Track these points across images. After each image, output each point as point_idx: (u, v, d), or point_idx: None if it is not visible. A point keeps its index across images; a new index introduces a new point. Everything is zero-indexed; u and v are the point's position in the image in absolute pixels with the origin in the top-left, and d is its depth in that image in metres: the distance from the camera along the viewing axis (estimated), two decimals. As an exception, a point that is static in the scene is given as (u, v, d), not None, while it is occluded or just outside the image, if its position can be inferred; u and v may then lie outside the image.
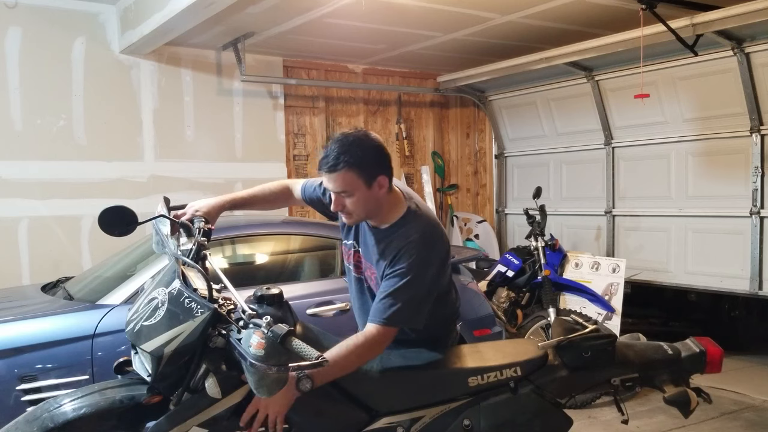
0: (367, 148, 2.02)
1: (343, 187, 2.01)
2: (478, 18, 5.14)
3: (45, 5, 5.06)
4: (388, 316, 1.99)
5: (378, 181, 2.03)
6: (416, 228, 2.06)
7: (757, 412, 4.35)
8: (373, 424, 2.01)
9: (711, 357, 2.22)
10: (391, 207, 2.11)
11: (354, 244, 2.23)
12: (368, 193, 2.03)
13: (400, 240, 2.04)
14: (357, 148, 2.00)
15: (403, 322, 2.03)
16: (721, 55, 4.87)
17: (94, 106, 5.28)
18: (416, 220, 2.09)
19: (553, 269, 4.97)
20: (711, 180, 5.21)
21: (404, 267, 2.00)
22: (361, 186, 2.01)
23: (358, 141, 2.02)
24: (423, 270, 2.02)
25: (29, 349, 2.93)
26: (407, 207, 2.12)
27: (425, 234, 2.06)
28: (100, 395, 1.90)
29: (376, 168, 2.03)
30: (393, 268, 2.02)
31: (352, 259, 2.25)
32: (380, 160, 2.05)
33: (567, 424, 2.13)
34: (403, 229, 2.07)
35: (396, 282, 2.00)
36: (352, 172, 1.99)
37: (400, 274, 2.00)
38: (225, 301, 1.85)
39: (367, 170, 2.00)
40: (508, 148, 7.09)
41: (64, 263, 5.07)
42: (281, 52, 6.17)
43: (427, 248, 2.04)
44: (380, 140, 2.09)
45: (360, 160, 1.99)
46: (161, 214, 2.09)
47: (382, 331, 1.99)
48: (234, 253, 3.88)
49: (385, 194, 2.07)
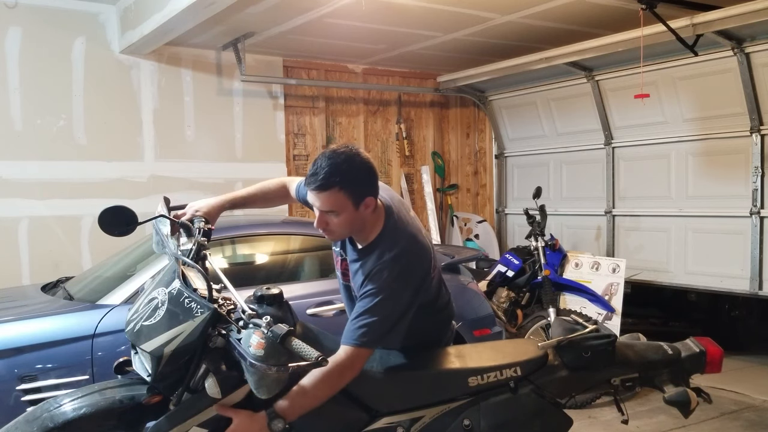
0: (358, 169, 1.97)
1: (330, 207, 1.96)
2: (478, 18, 5.14)
3: (45, 5, 5.06)
4: (358, 337, 1.93)
5: (365, 201, 1.98)
6: (390, 246, 2.01)
7: (757, 412, 4.35)
8: (373, 424, 2.01)
9: (711, 357, 2.22)
10: (372, 226, 2.06)
11: (341, 252, 2.20)
12: (355, 214, 1.98)
13: (373, 260, 2.00)
14: (347, 168, 1.94)
15: (375, 343, 1.96)
16: (721, 55, 4.87)
17: (94, 106, 5.28)
18: (392, 238, 2.03)
19: (553, 269, 4.97)
20: (711, 180, 5.21)
21: (376, 287, 1.96)
22: (349, 207, 1.96)
23: (349, 160, 1.95)
24: (397, 289, 1.97)
25: (29, 349, 2.93)
26: (383, 224, 2.06)
27: (400, 252, 2.00)
28: (100, 395, 1.90)
29: (365, 189, 1.98)
30: (365, 288, 1.98)
31: (341, 267, 2.23)
32: (369, 180, 2.00)
33: (567, 424, 2.13)
34: (378, 250, 2.02)
35: (368, 303, 1.95)
36: (342, 193, 1.93)
37: (372, 294, 1.96)
38: (225, 301, 1.85)
39: (356, 191, 1.95)
40: (508, 148, 7.09)
41: (64, 263, 5.07)
42: (281, 52, 6.17)
43: (401, 266, 1.98)
44: (370, 159, 2.02)
45: (350, 181, 1.94)
46: (161, 214, 2.10)
47: (353, 354, 1.92)
48: (234, 253, 3.88)
49: (370, 213, 2.02)
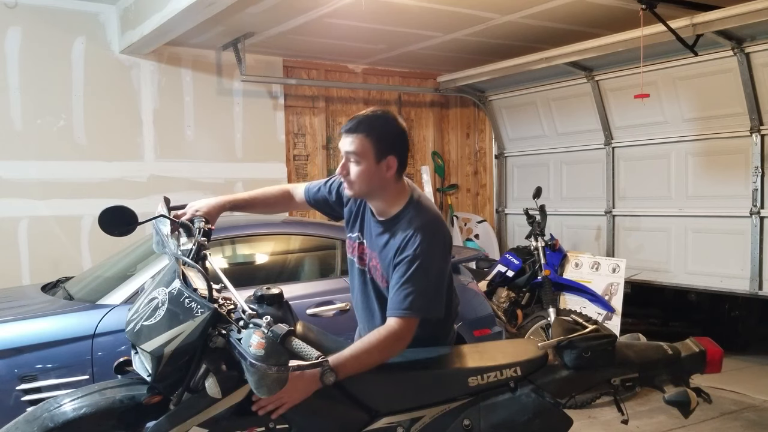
0: (389, 128, 2.09)
1: (354, 149, 2.04)
2: (478, 18, 5.14)
3: (45, 5, 5.06)
4: (406, 305, 1.98)
5: (387, 160, 2.06)
6: (420, 216, 2.08)
7: (757, 412, 4.35)
8: (373, 424, 2.01)
9: (711, 357, 2.21)
10: (396, 196, 2.13)
11: (359, 236, 2.24)
12: (374, 168, 2.05)
13: (405, 228, 2.06)
14: (379, 123, 2.07)
15: (423, 310, 2.01)
16: (721, 55, 4.87)
17: (94, 106, 5.28)
18: (419, 209, 2.11)
19: (553, 269, 4.97)
20: (711, 180, 5.21)
21: (411, 253, 2.01)
22: (370, 157, 2.04)
23: (383, 118, 2.10)
24: (431, 255, 2.03)
25: (29, 349, 2.93)
26: (410, 196, 2.14)
27: (429, 222, 2.08)
28: (100, 395, 1.90)
29: (390, 147, 2.07)
30: (402, 255, 2.03)
31: (357, 252, 2.26)
32: (397, 141, 2.09)
33: (567, 424, 2.13)
34: (406, 218, 2.08)
35: (407, 269, 2.00)
36: (367, 140, 2.03)
37: (409, 261, 2.01)
38: (225, 301, 1.85)
39: (380, 144, 2.04)
40: (508, 148, 7.09)
41: (64, 263, 5.07)
42: (281, 52, 6.17)
43: (433, 234, 2.05)
44: (405, 127, 2.14)
45: (378, 133, 2.04)
46: (161, 214, 2.09)
47: (404, 323, 1.99)
48: (234, 253, 3.88)
49: (391, 178, 2.09)
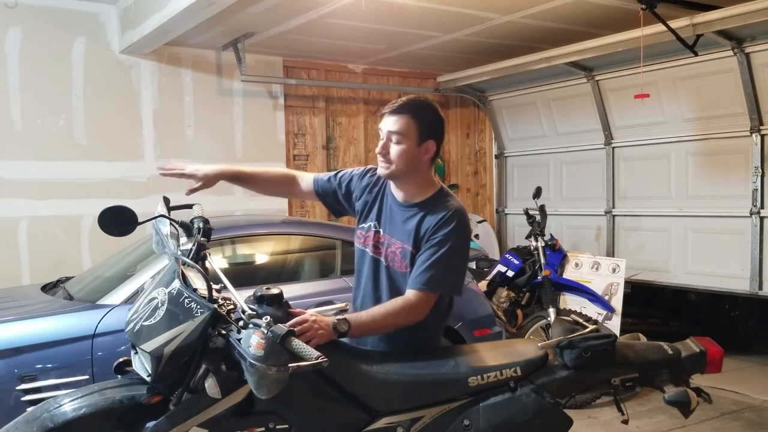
0: (433, 113, 2.18)
1: (398, 129, 2.10)
2: (478, 18, 5.14)
3: (45, 5, 5.06)
4: (426, 281, 2.05)
5: (427, 144, 2.13)
6: (454, 201, 2.18)
7: (757, 412, 4.35)
8: (373, 424, 2.01)
9: (711, 357, 2.21)
10: (427, 182, 2.20)
11: (374, 225, 2.26)
12: (415, 150, 2.12)
13: (438, 211, 2.12)
14: (424, 107, 2.16)
15: (443, 287, 2.10)
16: (721, 55, 4.87)
17: (94, 106, 5.28)
18: (449, 198, 2.20)
19: (553, 269, 4.97)
20: (711, 180, 5.21)
21: (443, 235, 2.08)
22: (413, 139, 2.11)
23: (429, 104, 2.20)
24: (461, 239, 2.12)
25: (29, 349, 2.93)
26: (439, 187, 2.22)
27: (461, 208, 2.17)
28: (100, 395, 1.90)
29: (432, 131, 2.15)
30: (434, 236, 2.09)
31: (371, 241, 2.25)
32: (438, 127, 2.18)
33: (567, 424, 2.13)
34: (440, 203, 2.15)
35: (437, 250, 2.07)
36: (413, 122, 2.10)
37: (440, 242, 2.07)
38: (225, 301, 1.86)
39: (424, 127, 2.12)
40: (508, 148, 7.09)
41: (64, 263, 5.06)
42: (281, 52, 6.16)
43: (464, 220, 2.14)
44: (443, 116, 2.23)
45: (423, 116, 2.13)
46: (161, 214, 2.10)
47: (423, 297, 2.05)
48: (234, 253, 3.88)
49: (427, 162, 2.17)
